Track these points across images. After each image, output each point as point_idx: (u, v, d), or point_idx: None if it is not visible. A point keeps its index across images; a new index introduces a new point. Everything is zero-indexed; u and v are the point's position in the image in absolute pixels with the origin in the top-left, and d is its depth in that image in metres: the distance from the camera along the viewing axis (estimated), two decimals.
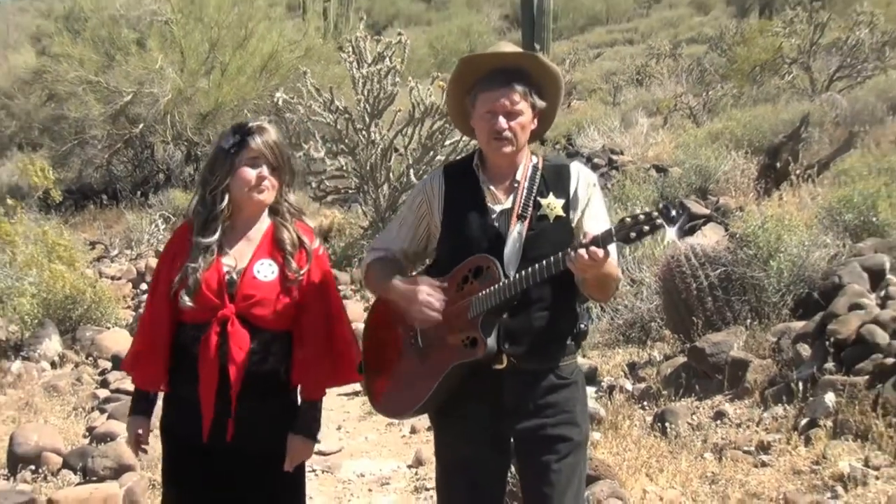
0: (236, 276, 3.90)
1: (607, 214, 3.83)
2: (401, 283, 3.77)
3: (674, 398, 7.50)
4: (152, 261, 15.12)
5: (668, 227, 3.29)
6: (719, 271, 8.29)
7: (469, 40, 44.46)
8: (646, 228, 3.30)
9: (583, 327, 3.80)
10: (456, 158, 4.65)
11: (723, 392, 7.38)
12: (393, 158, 12.13)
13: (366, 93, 11.97)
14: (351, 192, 14.00)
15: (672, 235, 6.26)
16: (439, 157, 11.60)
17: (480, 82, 3.69)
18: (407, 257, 3.96)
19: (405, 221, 3.93)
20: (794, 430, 6.46)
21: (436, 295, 3.67)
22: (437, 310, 3.66)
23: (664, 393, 7.60)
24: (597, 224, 3.65)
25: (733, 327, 8.02)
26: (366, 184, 12.24)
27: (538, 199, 3.69)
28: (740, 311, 8.17)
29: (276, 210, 4.03)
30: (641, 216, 3.31)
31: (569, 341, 3.76)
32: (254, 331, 3.87)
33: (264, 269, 3.94)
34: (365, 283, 3.99)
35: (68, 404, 8.63)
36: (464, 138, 11.26)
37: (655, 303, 9.05)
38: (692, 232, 10.90)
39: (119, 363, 9.53)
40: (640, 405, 7.65)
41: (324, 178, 13.45)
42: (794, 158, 13.95)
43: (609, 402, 7.59)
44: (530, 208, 3.67)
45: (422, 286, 3.70)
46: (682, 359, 8.00)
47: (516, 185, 3.73)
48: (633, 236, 3.32)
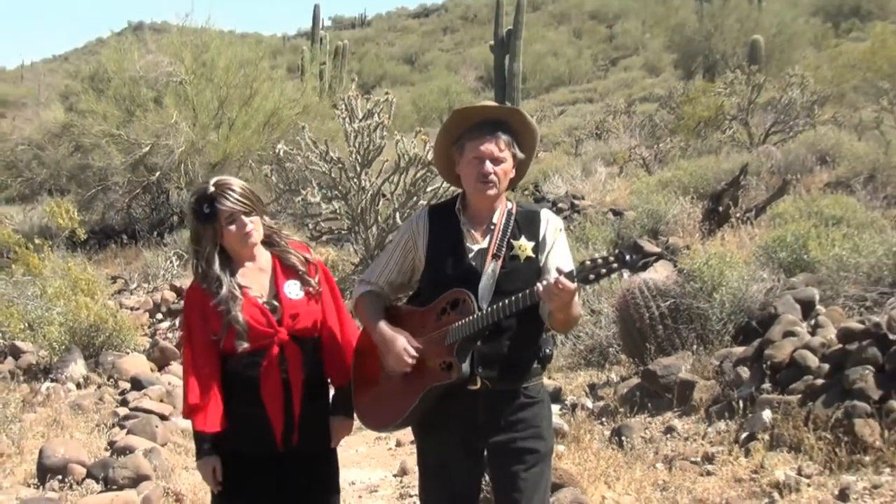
0: (276, 303, 3.97)
1: (570, 256, 3.85)
2: (385, 329, 3.79)
3: (629, 415, 7.51)
4: (167, 293, 15.14)
5: (623, 271, 3.34)
6: (669, 303, 8.31)
7: (448, 99, 44.75)
8: (603, 272, 3.35)
9: (547, 352, 3.82)
10: (439, 201, 4.65)
11: (672, 409, 7.38)
12: (381, 203, 12.13)
13: (357, 145, 11.98)
14: (343, 232, 13.99)
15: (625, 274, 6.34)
16: (422, 202, 11.62)
17: (469, 132, 3.72)
18: (393, 288, 3.98)
19: (393, 256, 3.94)
20: (736, 443, 6.47)
21: (409, 350, 3.71)
22: (407, 364, 3.70)
23: (621, 410, 7.61)
24: (561, 263, 3.66)
25: (681, 352, 8.02)
26: (357, 225, 12.24)
27: (511, 240, 3.72)
28: (687, 338, 8.17)
29: (268, 240, 4.07)
30: (600, 260, 3.36)
31: (535, 364, 3.78)
32: (300, 343, 3.96)
33: (293, 289, 4.02)
34: (355, 311, 4.00)
35: (91, 421, 8.56)
36: (443, 185, 11.28)
37: (613, 330, 9.07)
38: (645, 268, 10.91)
39: (137, 384, 9.54)
40: (599, 421, 7.65)
41: (319, 220, 13.43)
42: (734, 203, 14.03)
43: (572, 419, 7.60)
44: (504, 249, 3.70)
45: (399, 339, 3.74)
46: (636, 380, 8.00)
47: (492, 227, 3.75)
48: (591, 278, 3.37)
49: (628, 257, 3.31)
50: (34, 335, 10.69)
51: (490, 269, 3.67)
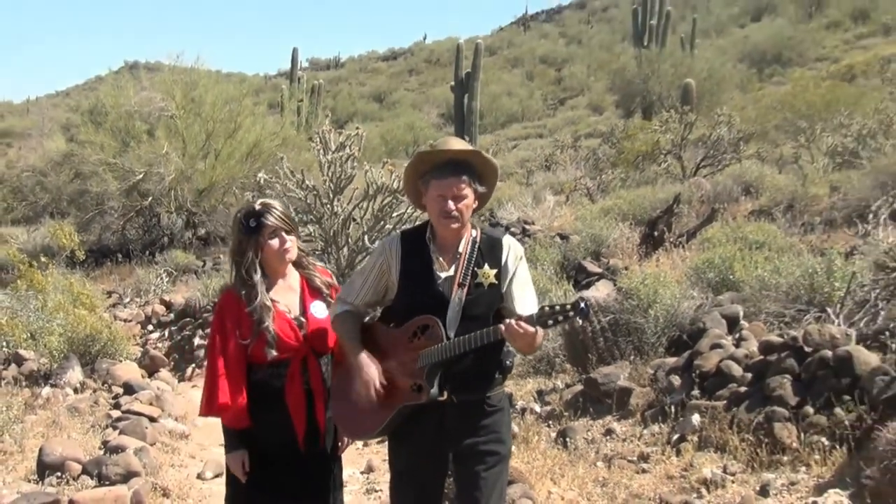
0: (303, 319, 4.04)
1: (531, 284, 3.90)
2: (363, 356, 3.81)
3: (573, 418, 7.50)
4: (158, 307, 15.08)
5: (577, 318, 3.38)
6: (609, 318, 8.33)
7: (413, 133, 44.87)
8: (560, 318, 3.40)
9: (508, 364, 3.85)
10: (409, 227, 4.66)
11: (612, 413, 7.39)
12: (351, 227, 12.07)
13: (330, 174, 11.92)
14: (318, 253, 13.95)
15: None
16: (388, 226, 11.59)
17: (433, 170, 3.72)
18: (368, 305, 3.97)
19: (368, 278, 3.92)
20: (668, 444, 6.50)
21: (376, 385, 3.74)
22: (372, 396, 3.74)
23: (565, 414, 7.61)
24: (522, 291, 3.76)
25: (620, 362, 8.04)
26: (329, 247, 12.17)
27: (475, 269, 3.73)
28: (626, 349, 8.19)
29: (298, 261, 4.16)
30: (558, 307, 3.40)
31: (497, 376, 3.80)
32: (318, 357, 4.07)
33: (319, 309, 4.10)
34: (333, 327, 3.99)
35: (87, 422, 8.48)
36: (408, 210, 11.29)
37: (559, 342, 9.06)
38: (588, 286, 10.97)
39: (129, 389, 9.49)
40: (546, 424, 7.65)
41: None
42: (668, 229, 14.12)
43: (522, 422, 7.59)
44: (469, 277, 3.71)
45: (372, 370, 3.77)
46: (580, 387, 7.99)
47: (458, 255, 3.76)
48: (550, 323, 3.43)
49: (583, 306, 3.34)
50: (36, 344, 10.59)
51: (457, 298, 3.68)
